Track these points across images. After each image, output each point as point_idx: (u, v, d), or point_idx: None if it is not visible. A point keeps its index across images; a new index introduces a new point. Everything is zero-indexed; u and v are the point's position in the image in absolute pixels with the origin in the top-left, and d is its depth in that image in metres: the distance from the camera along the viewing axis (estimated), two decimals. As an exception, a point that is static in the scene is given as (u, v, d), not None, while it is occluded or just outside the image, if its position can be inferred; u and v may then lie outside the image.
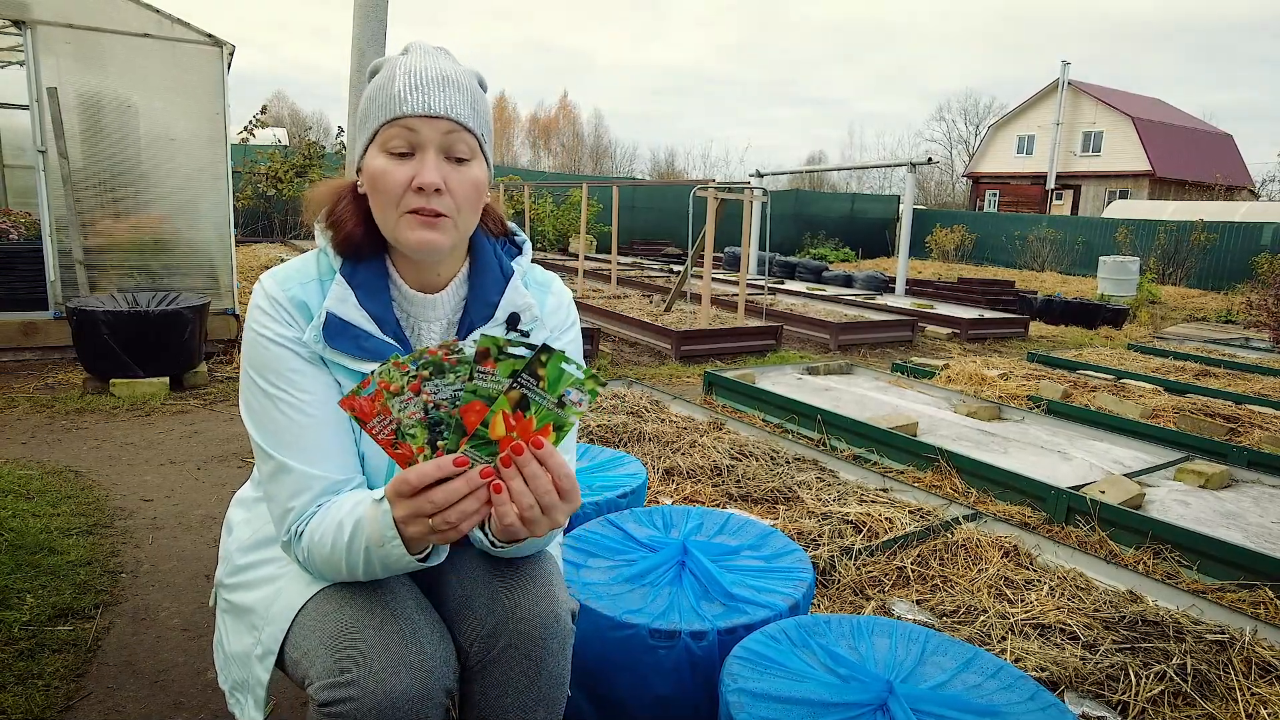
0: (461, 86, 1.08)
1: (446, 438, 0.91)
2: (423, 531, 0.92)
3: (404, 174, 1.06)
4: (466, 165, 1.09)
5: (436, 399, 0.90)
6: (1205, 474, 3.51)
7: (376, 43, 3.53)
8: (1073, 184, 30.51)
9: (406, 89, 1.05)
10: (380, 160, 1.07)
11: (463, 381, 0.90)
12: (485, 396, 0.90)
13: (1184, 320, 11.18)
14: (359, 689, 0.98)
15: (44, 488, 3.01)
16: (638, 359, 6.42)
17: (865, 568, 2.43)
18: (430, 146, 1.06)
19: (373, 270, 1.14)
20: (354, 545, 1.01)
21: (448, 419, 0.91)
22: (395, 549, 0.97)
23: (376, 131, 1.07)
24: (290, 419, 1.08)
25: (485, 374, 0.90)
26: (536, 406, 0.90)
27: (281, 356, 1.09)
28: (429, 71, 1.07)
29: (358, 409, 0.90)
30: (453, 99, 1.07)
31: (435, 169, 1.05)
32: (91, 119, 4.94)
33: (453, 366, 0.90)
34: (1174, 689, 1.84)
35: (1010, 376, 5.63)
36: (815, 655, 1.46)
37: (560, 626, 1.15)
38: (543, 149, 52.37)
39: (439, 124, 1.05)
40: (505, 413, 0.90)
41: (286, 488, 1.07)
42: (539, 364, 0.89)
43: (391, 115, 1.05)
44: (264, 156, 14.95)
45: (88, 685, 1.88)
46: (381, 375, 0.90)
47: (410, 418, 0.90)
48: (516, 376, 0.89)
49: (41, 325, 4.96)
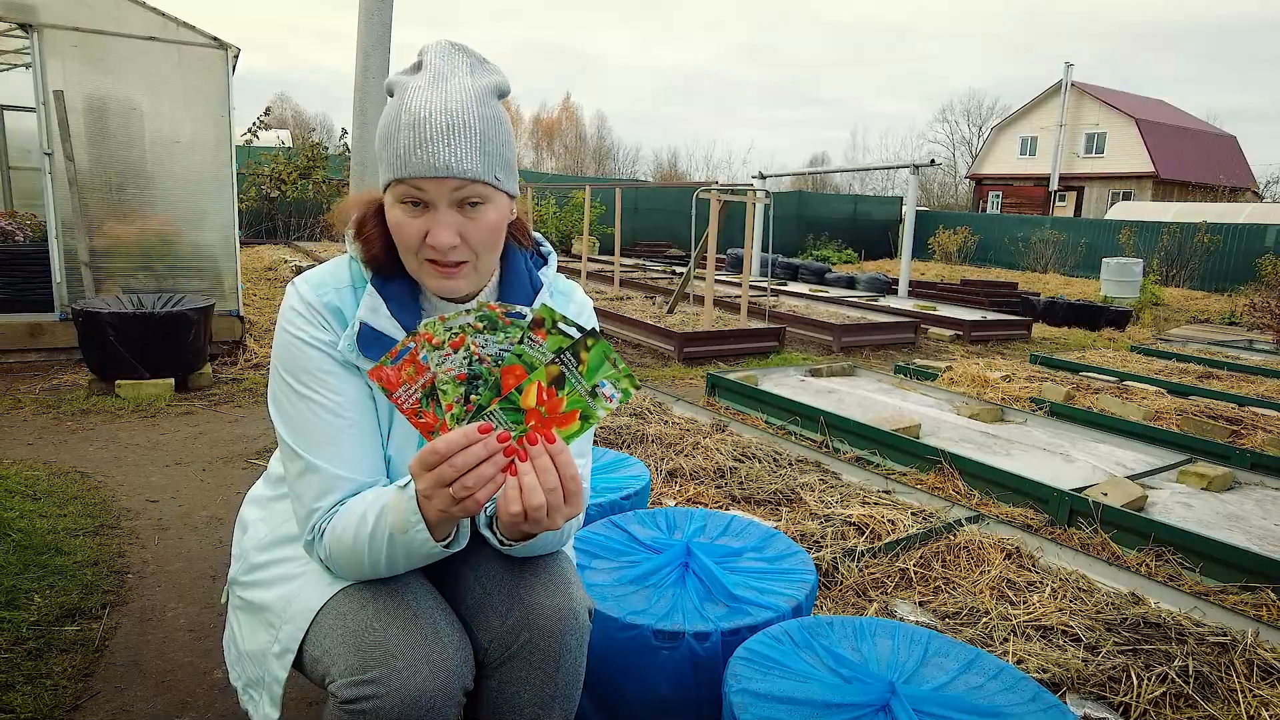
0: (469, 130, 1.02)
1: (481, 393, 0.93)
2: (445, 504, 0.93)
3: (418, 227, 1.05)
4: (481, 210, 1.07)
5: (483, 352, 0.93)
6: (1208, 476, 3.51)
7: (381, 44, 3.54)
8: (1076, 185, 30.47)
9: (411, 145, 1.01)
10: (396, 211, 1.06)
11: (511, 343, 0.94)
12: (529, 363, 0.93)
13: (1187, 322, 11.16)
14: (382, 686, 1.00)
15: (51, 488, 3.02)
16: (641, 361, 6.43)
17: (868, 569, 2.44)
18: (441, 202, 1.04)
19: (403, 283, 1.15)
20: (376, 534, 1.02)
21: (487, 375, 0.94)
22: (419, 534, 0.98)
23: (389, 183, 1.06)
24: (322, 420, 1.10)
25: (535, 342, 0.93)
26: (570, 388, 0.93)
27: (315, 358, 1.11)
28: (434, 119, 1.01)
29: (384, 379, 0.93)
30: (459, 152, 1.01)
31: (447, 229, 1.04)
32: (97, 121, 4.97)
33: (505, 326, 0.94)
34: (1176, 691, 1.84)
35: (1013, 378, 5.63)
36: (818, 656, 1.47)
37: (578, 623, 1.17)
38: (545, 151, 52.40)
39: (446, 183, 1.03)
40: (541, 384, 0.93)
41: (313, 487, 1.09)
42: (583, 347, 0.93)
43: (398, 175, 1.03)
44: (268, 158, 14.99)
45: (95, 685, 1.89)
46: (425, 328, 0.93)
47: (446, 373, 0.93)
48: (560, 353, 0.93)
49: (47, 327, 4.99)
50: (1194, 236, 15.54)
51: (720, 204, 7.04)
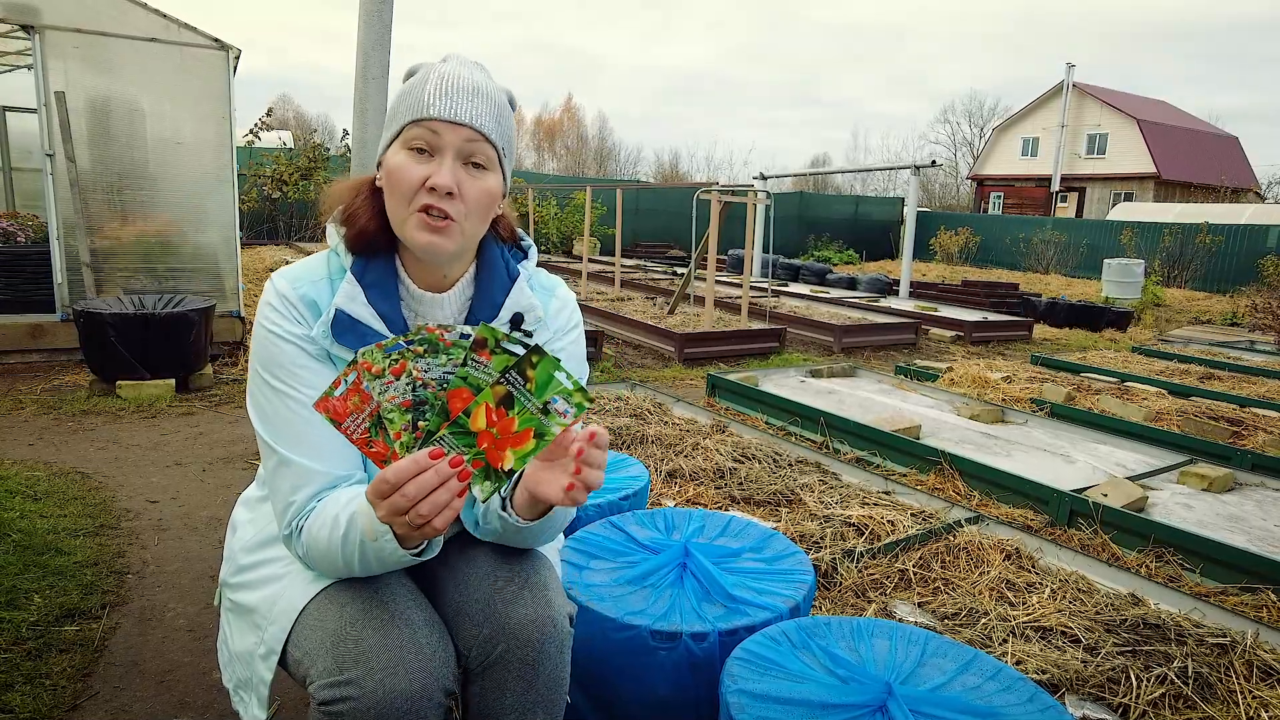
0: (490, 99, 1.12)
1: (429, 418, 0.92)
2: (404, 530, 0.94)
3: (420, 172, 1.08)
4: (483, 174, 1.12)
5: (426, 377, 0.91)
6: (1209, 477, 3.50)
7: (381, 45, 3.54)
8: (1077, 186, 30.44)
9: (436, 94, 1.08)
10: (400, 156, 1.09)
11: (455, 365, 0.91)
12: (474, 385, 0.91)
13: (1189, 323, 11.15)
14: (358, 688, 0.99)
15: (51, 489, 3.03)
16: (641, 361, 6.43)
17: (867, 570, 2.44)
18: (450, 151, 1.08)
19: (382, 269, 1.16)
20: (349, 540, 1.02)
21: (433, 400, 0.92)
22: (388, 543, 0.98)
23: (401, 129, 1.10)
24: (295, 414, 1.10)
25: (479, 363, 0.91)
26: (520, 407, 0.91)
27: (289, 353, 1.11)
28: (461, 80, 1.10)
29: (331, 410, 0.90)
30: (479, 109, 1.10)
31: (450, 172, 1.08)
32: (99, 122, 4.98)
33: (447, 348, 0.91)
34: (1175, 692, 1.84)
35: (1014, 379, 5.62)
36: (815, 657, 1.47)
37: (557, 631, 1.16)
38: (547, 152, 52.43)
39: (461, 131, 1.08)
40: (489, 405, 0.91)
41: (288, 481, 1.09)
42: (529, 364, 0.90)
43: (417, 116, 1.08)
44: (269, 159, 15.00)
45: (94, 685, 1.89)
46: (363, 356, 0.90)
47: (389, 401, 0.91)
48: (505, 372, 0.90)
49: (49, 327, 4.99)
50: (1195, 237, 15.52)
51: (721, 205, 7.04)
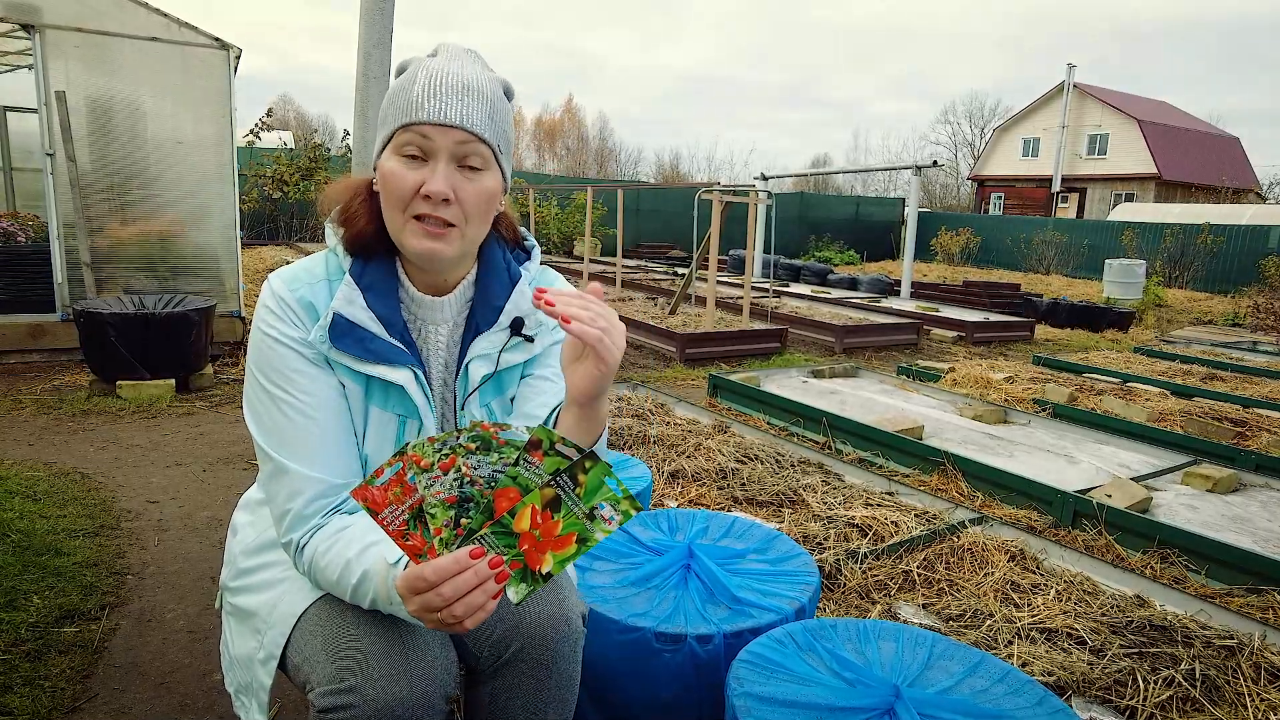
0: (482, 95, 1.06)
1: (472, 515, 0.90)
2: (432, 626, 0.92)
3: (414, 179, 1.04)
4: (479, 175, 1.07)
5: (475, 474, 0.89)
6: (1213, 478, 3.49)
7: (383, 46, 3.53)
8: (1078, 187, 30.41)
9: (425, 95, 1.03)
10: (393, 162, 1.05)
11: (505, 464, 0.89)
12: (524, 486, 0.89)
13: (1190, 323, 11.13)
14: (359, 696, 0.98)
15: (51, 489, 3.02)
16: (643, 362, 6.42)
17: (871, 571, 2.43)
18: (443, 155, 1.04)
19: (381, 271, 1.14)
20: (360, 590, 1.01)
21: (479, 497, 0.89)
22: (401, 609, 0.96)
23: (393, 134, 1.06)
24: (291, 420, 1.07)
25: (531, 464, 0.89)
26: (566, 511, 0.89)
27: (286, 357, 1.08)
28: (450, 78, 1.04)
29: (370, 499, 0.88)
30: (470, 109, 1.04)
31: (444, 178, 1.03)
32: (99, 122, 4.97)
33: (499, 446, 0.90)
34: (1182, 694, 1.83)
35: (1016, 380, 5.61)
36: (821, 659, 1.46)
37: (570, 630, 1.15)
38: (548, 152, 52.43)
39: (452, 133, 1.03)
40: (535, 507, 0.89)
41: (284, 488, 1.07)
42: (581, 469, 0.88)
43: (406, 120, 1.04)
44: (270, 159, 14.99)
45: (94, 687, 1.88)
46: (413, 450, 0.89)
47: (435, 496, 0.89)
48: (557, 475, 0.88)
49: (49, 327, 4.98)
50: (1197, 238, 15.50)
51: (722, 205, 7.03)
